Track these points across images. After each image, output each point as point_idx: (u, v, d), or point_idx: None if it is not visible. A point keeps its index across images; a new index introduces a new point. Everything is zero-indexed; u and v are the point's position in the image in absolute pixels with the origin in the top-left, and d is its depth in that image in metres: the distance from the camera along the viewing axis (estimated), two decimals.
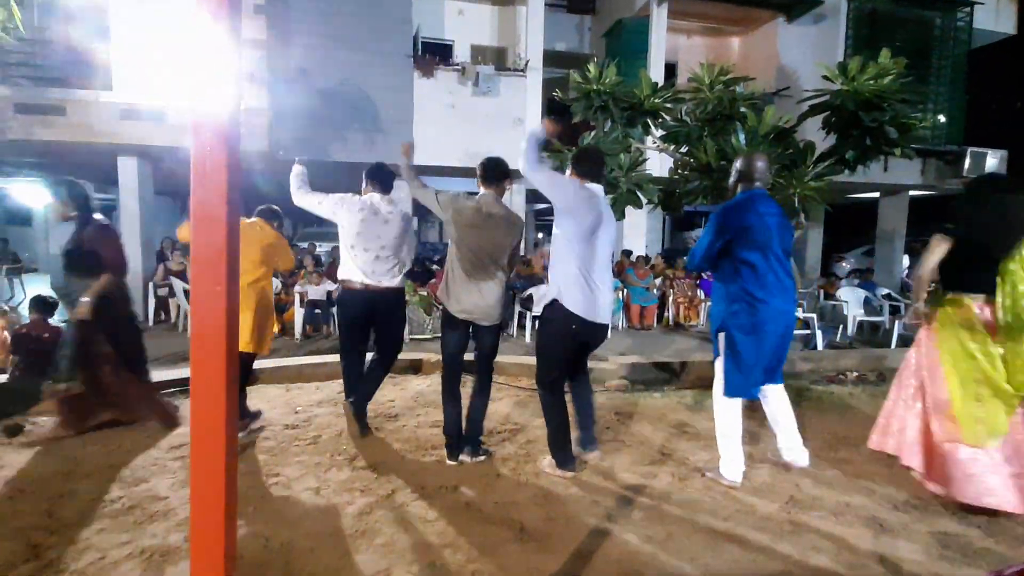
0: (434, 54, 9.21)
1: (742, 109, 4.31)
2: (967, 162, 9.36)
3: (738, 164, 2.83)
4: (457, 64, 9.12)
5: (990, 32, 10.65)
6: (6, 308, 6.12)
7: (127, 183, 7.93)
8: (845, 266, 13.57)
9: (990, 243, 2.47)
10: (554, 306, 2.72)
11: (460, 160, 8.83)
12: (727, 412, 2.76)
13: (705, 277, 9.16)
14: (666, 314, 8.58)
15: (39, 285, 10.11)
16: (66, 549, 2.09)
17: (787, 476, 2.87)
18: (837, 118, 3.76)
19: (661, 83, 5.23)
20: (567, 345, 2.75)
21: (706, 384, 4.49)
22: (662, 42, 9.58)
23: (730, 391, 2.72)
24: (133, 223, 7.88)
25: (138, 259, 7.66)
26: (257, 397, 4.01)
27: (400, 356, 3.81)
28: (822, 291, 8.19)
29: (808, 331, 6.31)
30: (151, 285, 7.82)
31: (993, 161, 9.44)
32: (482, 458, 2.96)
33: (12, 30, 3.66)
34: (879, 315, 7.43)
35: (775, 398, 2.89)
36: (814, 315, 6.49)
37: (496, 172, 2.92)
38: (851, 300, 7.34)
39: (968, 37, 10.04)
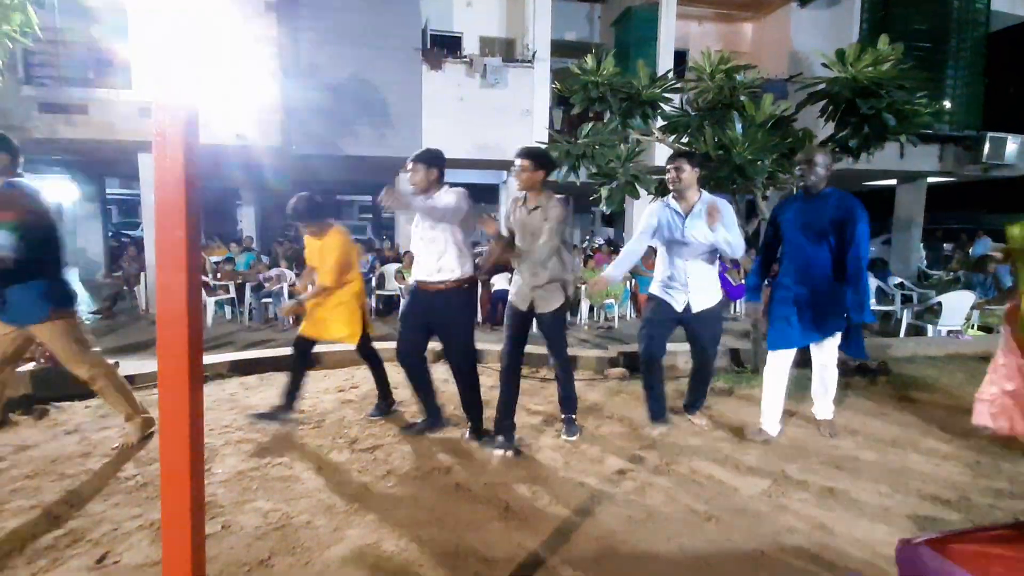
0: (443, 47, 9.27)
1: (742, 98, 4.30)
2: (986, 147, 9.11)
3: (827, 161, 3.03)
4: (465, 56, 9.18)
5: (1009, 15, 10.30)
6: None
7: (148, 179, 8.20)
8: None
9: None
10: None
11: (468, 152, 8.91)
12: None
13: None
14: None
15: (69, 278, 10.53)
16: (84, 521, 2.26)
17: (773, 460, 2.92)
18: (834, 106, 3.73)
19: (671, 71, 5.22)
20: None
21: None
22: (672, 29, 9.49)
23: None
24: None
25: None
26: (267, 384, 4.19)
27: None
28: None
29: None
30: None
31: (1014, 147, 9.17)
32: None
33: (29, 33, 3.83)
34: (891, 305, 7.33)
35: None
36: None
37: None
38: None
39: (986, 20, 9.73)
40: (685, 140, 4.64)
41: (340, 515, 2.33)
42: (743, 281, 8.67)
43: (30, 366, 3.86)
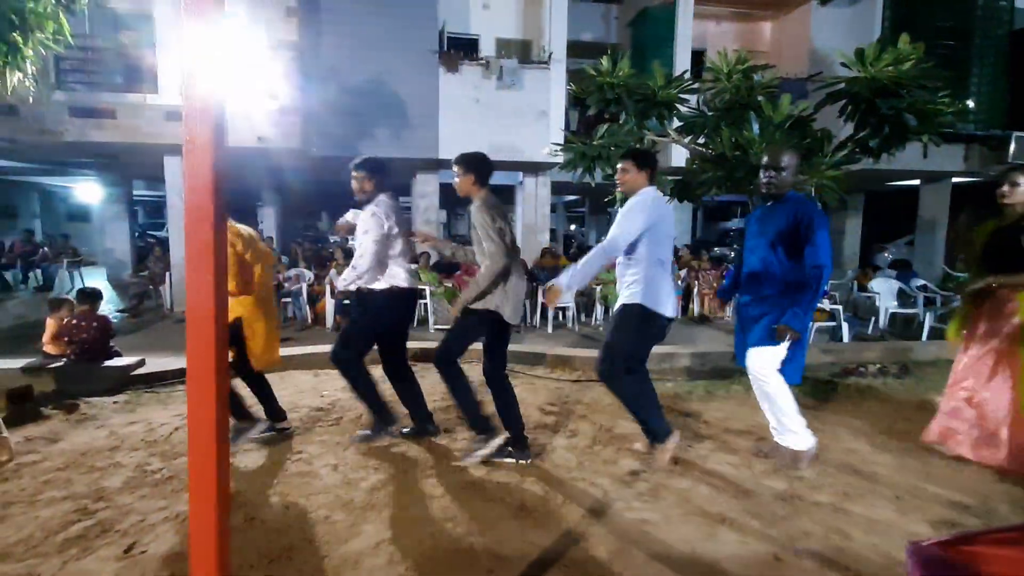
0: (459, 49, 9.34)
1: (759, 98, 4.27)
2: (1012, 147, 8.88)
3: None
4: (481, 59, 9.23)
5: None
6: (70, 298, 6.64)
7: (173, 181, 8.40)
8: (887, 256, 13.04)
9: None
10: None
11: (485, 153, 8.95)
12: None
13: (733, 268, 9.03)
14: (691, 306, 8.52)
15: (96, 278, 10.84)
16: (112, 512, 2.34)
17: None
18: (853, 106, 3.69)
19: (688, 72, 5.20)
20: None
21: (717, 375, 4.53)
22: (689, 29, 9.43)
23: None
24: (179, 219, 8.36)
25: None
26: (287, 383, 4.28)
27: (424, 345, 3.92)
28: (856, 283, 7.96)
29: (834, 323, 6.18)
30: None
31: None
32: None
33: (61, 40, 3.97)
34: (914, 307, 7.19)
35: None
36: (839, 307, 6.34)
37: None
38: (883, 292, 7.12)
39: (1010, 17, 9.47)
40: (701, 141, 4.63)
41: (357, 511, 2.38)
42: None
43: (61, 362, 4.01)
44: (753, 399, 3.98)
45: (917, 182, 10.91)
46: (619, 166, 2.92)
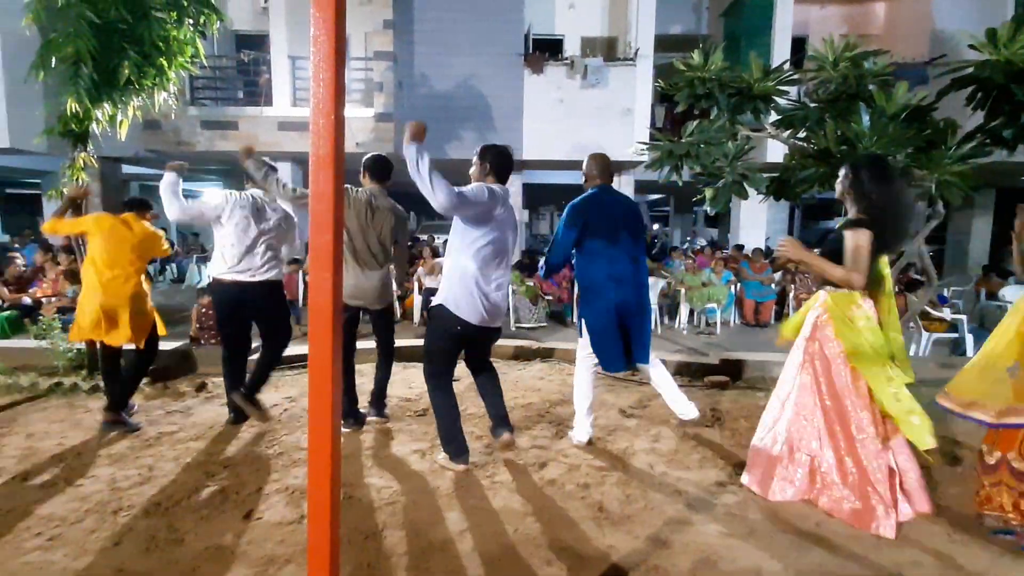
0: (544, 50, 9.42)
1: (870, 87, 3.92)
2: None
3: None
4: (565, 59, 9.24)
5: None
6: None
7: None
8: None
9: None
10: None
11: (567, 154, 8.97)
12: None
13: None
14: (786, 311, 7.99)
15: None
16: (234, 481, 2.65)
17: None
18: (984, 93, 3.29)
19: (788, 62, 4.89)
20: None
21: None
22: (789, 15, 8.84)
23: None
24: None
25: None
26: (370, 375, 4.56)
27: (505, 343, 4.02)
28: (982, 289, 7.06)
29: (956, 335, 5.53)
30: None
31: None
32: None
33: (196, 62, 4.50)
34: None
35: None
36: (963, 317, 5.66)
37: (385, 170, 3.33)
38: (1017, 300, 6.25)
39: None
40: (802, 135, 4.33)
41: (443, 498, 2.51)
42: None
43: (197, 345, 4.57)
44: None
45: None
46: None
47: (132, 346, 3.34)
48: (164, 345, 4.61)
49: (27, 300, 6.34)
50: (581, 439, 3.12)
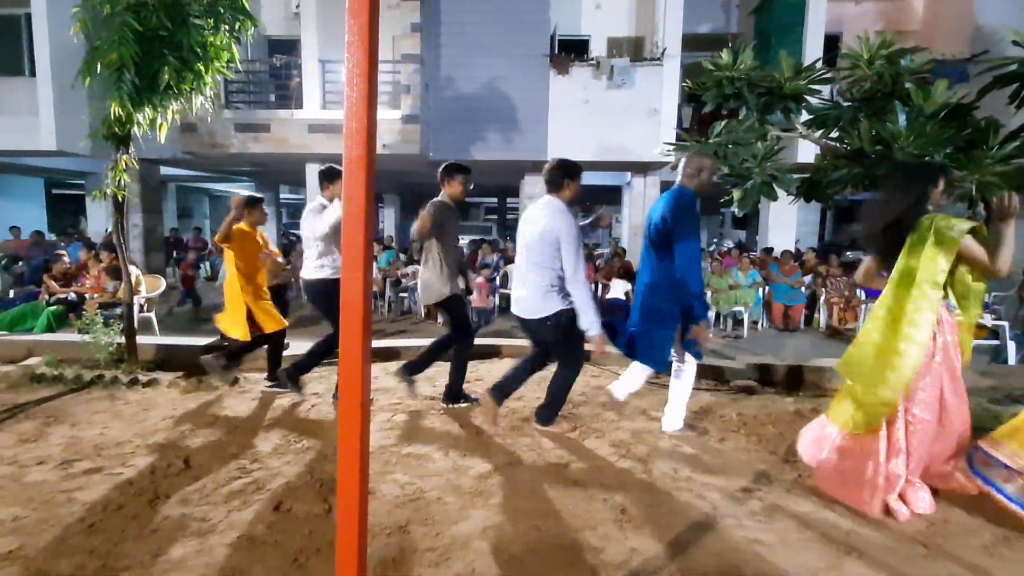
0: (570, 51, 9.40)
1: (907, 85, 3.80)
2: None
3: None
4: (591, 59, 9.20)
5: None
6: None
7: (313, 185, 9.44)
8: None
9: None
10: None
11: (593, 154, 8.93)
12: None
13: None
14: (816, 315, 7.81)
15: None
16: (265, 473, 2.72)
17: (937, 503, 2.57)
18: None
19: (820, 60, 4.78)
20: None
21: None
22: (822, 12, 8.62)
23: None
24: None
25: None
26: None
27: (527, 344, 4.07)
28: None
29: (997, 342, 5.31)
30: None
31: None
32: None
33: (232, 66, 4.64)
34: None
35: None
36: (1005, 323, 5.43)
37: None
38: None
39: None
40: (834, 135, 4.23)
41: (466, 496, 2.53)
42: None
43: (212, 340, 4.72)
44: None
45: None
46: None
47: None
48: (198, 342, 4.80)
49: (71, 295, 6.63)
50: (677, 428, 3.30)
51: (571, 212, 3.24)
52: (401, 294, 8.58)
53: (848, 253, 14.42)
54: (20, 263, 9.34)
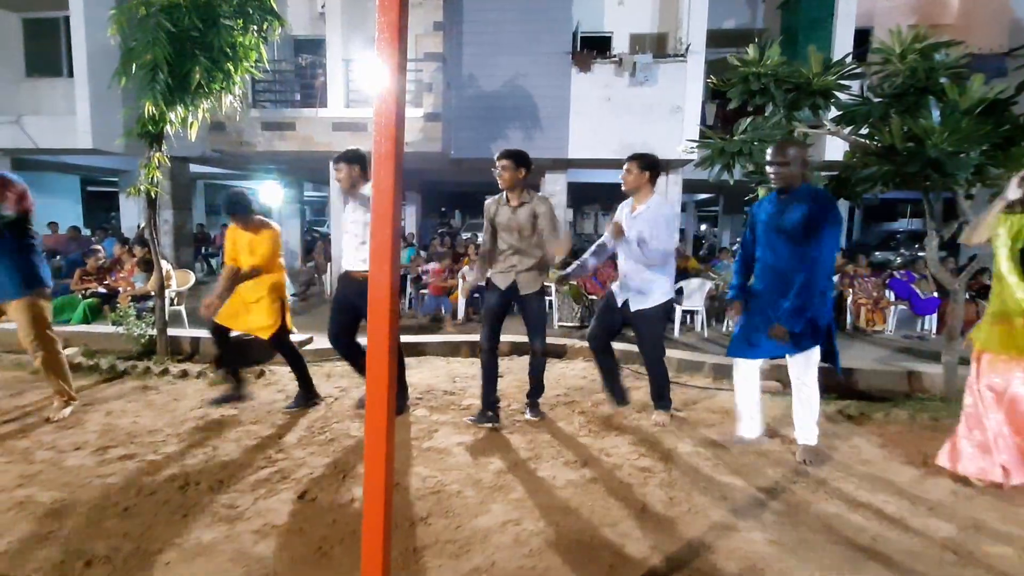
0: (592, 48, 9.34)
1: (942, 80, 3.69)
2: None
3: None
4: (614, 56, 9.13)
5: None
6: None
7: (336, 184, 9.58)
8: None
9: None
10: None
11: (614, 152, 8.87)
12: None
13: (897, 276, 7.92)
14: (844, 317, 7.63)
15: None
16: (289, 463, 2.79)
17: (964, 504, 2.51)
18: None
19: (850, 55, 4.68)
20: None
21: (869, 396, 4.05)
22: (852, 5, 8.41)
23: None
24: (340, 216, 9.55)
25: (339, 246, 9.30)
26: (424, 366, 4.68)
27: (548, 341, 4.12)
28: None
29: None
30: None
31: None
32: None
33: (260, 66, 4.74)
34: None
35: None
36: None
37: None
38: None
39: None
40: (864, 131, 4.14)
41: (486, 490, 2.56)
42: (934, 294, 7.41)
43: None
44: (920, 425, 3.51)
45: None
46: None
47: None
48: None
49: (102, 289, 6.87)
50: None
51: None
52: (423, 291, 8.63)
53: (877, 253, 14.06)
54: (58, 257, 9.70)
